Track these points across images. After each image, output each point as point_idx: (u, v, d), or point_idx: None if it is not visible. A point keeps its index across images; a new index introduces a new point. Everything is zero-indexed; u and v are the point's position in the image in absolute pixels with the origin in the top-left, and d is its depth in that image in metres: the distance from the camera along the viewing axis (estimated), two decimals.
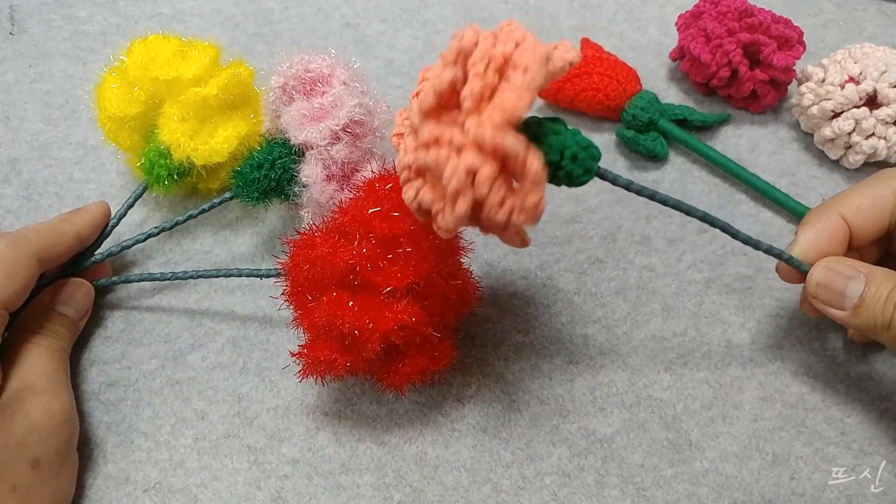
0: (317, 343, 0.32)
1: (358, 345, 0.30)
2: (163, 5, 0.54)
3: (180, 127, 0.38)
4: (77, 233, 0.37)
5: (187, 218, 0.39)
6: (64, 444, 0.33)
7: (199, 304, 0.40)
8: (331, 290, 0.31)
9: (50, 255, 0.35)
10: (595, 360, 0.38)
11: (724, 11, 0.45)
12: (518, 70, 0.25)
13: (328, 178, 0.37)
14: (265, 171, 0.38)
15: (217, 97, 0.37)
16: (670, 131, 0.44)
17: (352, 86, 0.37)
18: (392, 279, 0.30)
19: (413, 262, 0.30)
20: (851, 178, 0.44)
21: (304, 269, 0.31)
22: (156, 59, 0.38)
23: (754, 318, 0.39)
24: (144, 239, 0.39)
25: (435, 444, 0.36)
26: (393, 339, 0.30)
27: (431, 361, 0.33)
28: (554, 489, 0.34)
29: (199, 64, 0.38)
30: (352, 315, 0.30)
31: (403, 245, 0.31)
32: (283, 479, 0.35)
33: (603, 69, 0.45)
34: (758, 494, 0.34)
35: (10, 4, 0.55)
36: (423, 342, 0.32)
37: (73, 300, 0.37)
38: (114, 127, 0.40)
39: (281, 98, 0.38)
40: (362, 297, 0.31)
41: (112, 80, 0.39)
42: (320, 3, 0.54)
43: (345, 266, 0.30)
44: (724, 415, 0.36)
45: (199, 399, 0.37)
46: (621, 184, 0.30)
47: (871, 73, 0.42)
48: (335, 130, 0.36)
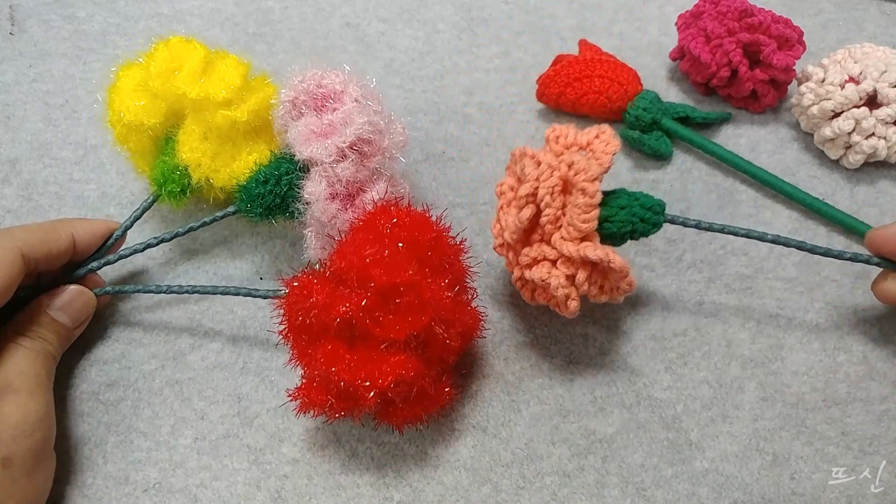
0: (313, 386, 0.31)
1: (354, 397, 0.30)
2: (163, 5, 0.54)
3: (202, 146, 0.37)
4: (72, 235, 0.36)
5: (187, 230, 0.38)
6: (38, 445, 0.32)
7: (200, 304, 0.40)
8: (327, 339, 0.31)
9: (37, 253, 0.34)
10: (595, 360, 0.38)
11: (724, 11, 0.45)
12: (578, 192, 0.31)
13: (332, 197, 0.36)
14: (270, 187, 0.36)
15: (246, 123, 0.36)
16: (674, 130, 0.44)
17: (364, 104, 0.36)
18: (390, 331, 0.30)
19: (412, 313, 0.30)
20: (851, 177, 0.44)
21: (300, 315, 0.31)
22: (181, 69, 0.37)
23: (754, 318, 0.39)
24: (143, 249, 0.38)
25: (435, 444, 0.36)
26: (390, 395, 0.30)
27: (427, 407, 0.32)
28: (554, 489, 0.34)
29: (229, 86, 0.36)
30: (347, 371, 0.29)
31: (403, 295, 0.30)
32: (283, 479, 0.35)
33: (603, 71, 0.45)
34: (758, 494, 0.34)
35: (10, 4, 0.55)
36: (420, 392, 0.31)
37: (69, 308, 0.36)
38: (125, 131, 0.38)
39: (290, 112, 0.37)
40: (360, 348, 0.30)
41: (129, 81, 0.38)
42: (320, 3, 0.54)
43: (342, 319, 0.30)
44: (724, 415, 0.36)
45: (198, 399, 0.37)
46: (690, 225, 0.35)
47: (871, 73, 0.42)
48: (342, 147, 0.35)
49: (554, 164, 0.32)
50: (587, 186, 0.31)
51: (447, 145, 0.46)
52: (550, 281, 0.32)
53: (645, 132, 0.44)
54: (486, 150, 0.46)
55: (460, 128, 0.47)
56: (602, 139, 0.34)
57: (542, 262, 0.33)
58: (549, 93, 0.46)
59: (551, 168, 0.32)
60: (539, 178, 0.32)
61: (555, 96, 0.46)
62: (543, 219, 0.32)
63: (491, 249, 0.42)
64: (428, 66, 0.50)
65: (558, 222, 0.32)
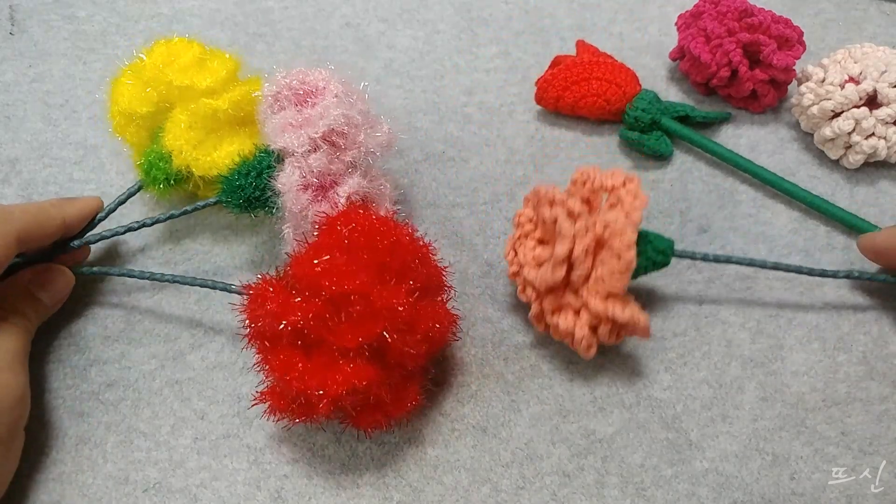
0: (276, 392, 0.31)
1: (309, 405, 0.30)
2: (163, 5, 0.54)
3: (185, 134, 0.38)
4: (63, 219, 0.37)
5: (168, 217, 0.38)
6: (14, 422, 0.33)
7: (199, 304, 0.40)
8: (282, 347, 0.31)
9: (31, 236, 0.35)
10: (595, 360, 0.38)
11: (724, 11, 0.45)
12: (615, 257, 0.32)
13: (304, 188, 0.36)
14: (251, 180, 0.37)
15: (227, 112, 0.37)
16: (674, 129, 0.44)
17: (343, 99, 0.36)
18: (342, 339, 0.29)
19: (365, 321, 0.30)
20: (851, 177, 0.44)
21: (258, 322, 0.31)
22: (174, 62, 0.38)
23: (754, 318, 0.39)
24: (123, 232, 0.38)
25: (435, 444, 0.36)
26: (343, 403, 0.30)
27: (390, 413, 0.32)
28: (554, 489, 0.34)
29: (214, 76, 0.38)
30: (300, 379, 0.29)
31: (354, 304, 0.30)
32: (283, 479, 0.35)
33: (601, 73, 0.45)
34: (758, 494, 0.34)
35: (10, 4, 0.55)
36: (377, 400, 0.31)
37: (51, 286, 0.37)
38: (122, 121, 0.40)
39: (272, 107, 0.37)
40: (316, 355, 0.30)
41: (129, 74, 0.39)
42: (320, 3, 0.54)
43: (293, 327, 0.30)
44: (724, 415, 0.36)
45: (198, 399, 0.37)
46: (699, 258, 0.37)
47: (871, 73, 0.42)
48: (314, 138, 0.35)
49: (590, 223, 0.33)
50: (624, 253, 0.32)
51: (447, 145, 0.46)
52: (576, 332, 0.34)
53: (644, 132, 0.44)
54: (486, 150, 0.46)
55: (460, 128, 0.47)
56: (630, 190, 0.34)
57: (566, 308, 0.34)
58: (547, 96, 0.46)
59: (587, 228, 0.33)
60: (575, 238, 0.33)
61: (553, 100, 0.46)
62: (574, 274, 0.33)
63: (491, 249, 0.42)
64: (428, 66, 0.50)
65: (587, 277, 0.33)
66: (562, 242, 0.33)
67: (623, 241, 0.32)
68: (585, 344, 0.34)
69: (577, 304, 0.34)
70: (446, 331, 0.33)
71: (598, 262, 0.33)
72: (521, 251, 0.36)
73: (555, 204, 0.34)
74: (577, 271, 0.33)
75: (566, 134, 0.47)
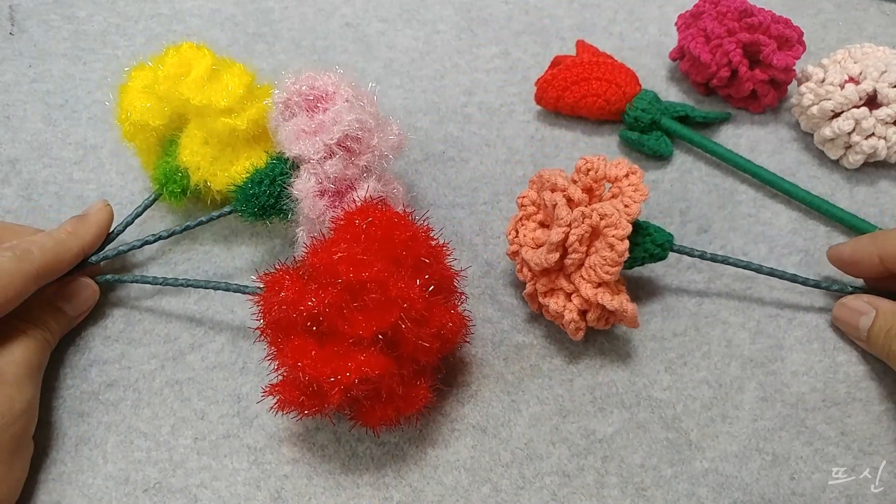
0: (287, 383, 0.31)
1: (321, 394, 0.30)
2: (163, 5, 0.54)
3: (202, 150, 0.38)
4: (82, 247, 0.37)
5: (184, 229, 0.39)
6: (19, 433, 0.33)
7: (199, 304, 0.40)
8: (297, 335, 0.31)
9: (51, 271, 0.35)
10: (595, 360, 0.38)
11: (724, 11, 0.45)
12: (607, 246, 0.33)
13: (321, 194, 0.36)
14: (265, 187, 0.37)
15: (245, 130, 0.38)
16: (674, 129, 0.44)
17: (354, 103, 0.36)
18: (357, 327, 0.30)
19: (380, 310, 0.30)
20: (851, 177, 0.44)
21: (273, 310, 0.31)
22: (188, 75, 0.38)
23: (754, 318, 0.39)
24: (140, 245, 0.39)
25: (435, 444, 0.36)
26: (355, 393, 0.30)
27: (400, 408, 0.32)
28: (554, 489, 0.34)
29: (232, 95, 0.37)
30: (313, 366, 0.29)
31: (370, 292, 0.30)
32: (283, 479, 0.35)
33: (600, 74, 0.45)
34: (758, 494, 0.34)
35: (9, 4, 0.55)
36: (389, 393, 0.31)
37: (75, 298, 0.38)
38: (132, 129, 0.39)
39: (283, 113, 0.37)
40: (329, 345, 0.30)
41: (139, 82, 0.39)
42: (320, 3, 0.54)
43: (308, 313, 0.30)
44: (724, 415, 0.36)
45: (198, 399, 0.37)
46: (696, 255, 0.37)
47: (871, 73, 0.42)
48: (329, 145, 0.35)
49: (587, 212, 0.33)
50: (617, 244, 0.33)
51: (447, 145, 0.46)
52: (564, 314, 0.35)
53: (644, 132, 0.44)
54: (486, 150, 0.46)
55: (460, 128, 0.47)
56: (632, 182, 0.35)
57: (558, 291, 0.35)
58: (546, 97, 0.46)
59: (583, 216, 0.33)
60: (570, 225, 0.33)
61: (553, 100, 0.46)
62: (568, 260, 0.34)
63: (491, 249, 0.42)
64: (428, 66, 0.50)
65: (581, 263, 0.34)
66: (558, 228, 0.33)
67: (617, 233, 0.33)
68: (574, 327, 0.35)
69: (570, 289, 0.35)
70: (458, 332, 0.34)
71: (592, 250, 0.34)
72: (522, 231, 0.37)
73: (556, 190, 0.35)
74: (571, 257, 0.34)
75: (566, 134, 0.47)
